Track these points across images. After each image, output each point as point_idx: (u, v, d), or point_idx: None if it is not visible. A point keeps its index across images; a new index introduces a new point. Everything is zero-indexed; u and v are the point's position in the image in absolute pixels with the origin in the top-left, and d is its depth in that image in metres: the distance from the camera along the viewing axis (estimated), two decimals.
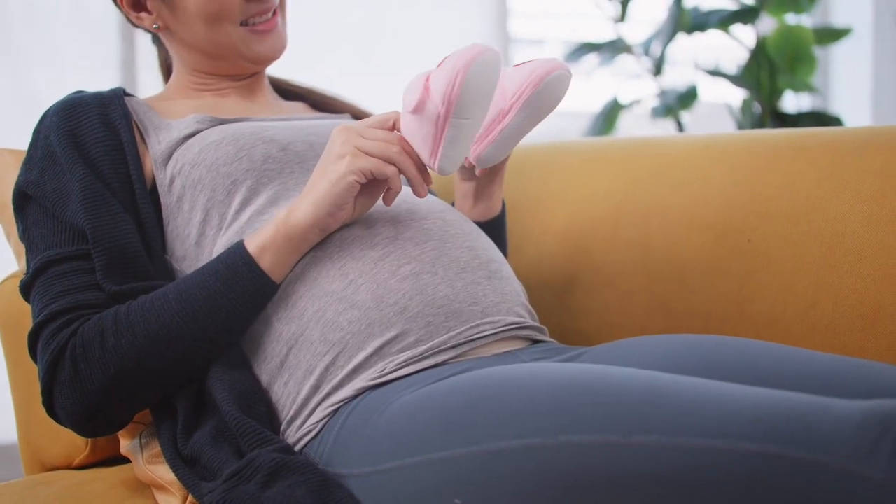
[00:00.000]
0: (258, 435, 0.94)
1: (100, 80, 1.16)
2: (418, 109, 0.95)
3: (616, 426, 0.75)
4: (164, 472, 1.03)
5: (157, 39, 1.31)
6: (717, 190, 1.25)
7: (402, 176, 1.02)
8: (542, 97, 1.01)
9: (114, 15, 2.17)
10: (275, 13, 1.23)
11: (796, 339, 1.13)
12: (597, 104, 2.64)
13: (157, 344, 0.99)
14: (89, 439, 1.24)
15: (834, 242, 1.11)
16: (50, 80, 2.05)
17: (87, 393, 0.99)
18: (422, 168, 1.02)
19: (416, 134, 0.98)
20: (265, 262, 1.01)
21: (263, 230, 1.01)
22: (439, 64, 0.96)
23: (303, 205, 1.00)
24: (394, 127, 1.02)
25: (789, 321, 1.14)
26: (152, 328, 0.99)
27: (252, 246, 1.01)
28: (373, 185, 1.02)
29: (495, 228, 1.29)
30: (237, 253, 1.01)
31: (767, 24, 2.73)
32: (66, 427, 1.04)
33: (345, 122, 1.02)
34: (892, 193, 1.08)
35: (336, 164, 0.98)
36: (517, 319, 1.06)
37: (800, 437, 0.68)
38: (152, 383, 1.01)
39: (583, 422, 0.77)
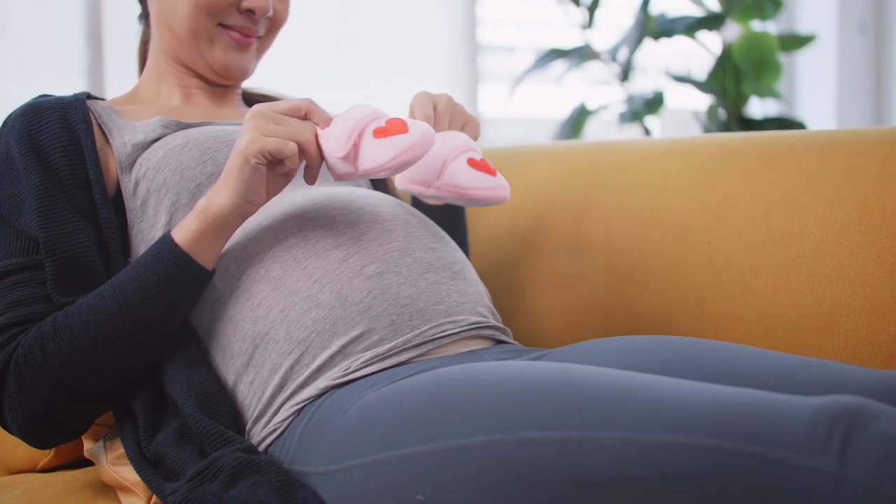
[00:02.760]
0: (221, 436, 0.94)
1: (67, 86, 1.16)
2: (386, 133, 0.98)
3: (576, 422, 0.76)
4: (128, 474, 1.03)
5: (143, 17, 1.30)
6: (677, 193, 1.26)
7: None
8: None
9: (81, 20, 2.16)
10: (257, 39, 1.23)
11: (755, 339, 1.14)
12: (564, 110, 2.66)
13: (96, 341, 0.98)
14: None
15: (792, 244, 1.13)
16: (16, 85, 2.04)
17: (34, 402, 0.99)
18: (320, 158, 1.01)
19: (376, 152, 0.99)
20: (192, 249, 1.00)
21: (187, 219, 1.01)
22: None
23: (221, 193, 0.99)
24: (306, 116, 1.01)
25: (748, 321, 1.15)
26: (90, 326, 0.98)
27: (178, 235, 1.00)
28: (279, 166, 1.01)
29: (454, 217, 1.30)
30: (164, 243, 1.00)
31: (733, 30, 2.76)
32: (20, 439, 1.04)
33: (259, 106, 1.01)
34: (848, 196, 1.10)
35: (238, 148, 0.98)
36: (480, 319, 1.07)
37: (755, 432, 0.69)
38: (99, 383, 1.01)
39: (543, 418, 0.78)
